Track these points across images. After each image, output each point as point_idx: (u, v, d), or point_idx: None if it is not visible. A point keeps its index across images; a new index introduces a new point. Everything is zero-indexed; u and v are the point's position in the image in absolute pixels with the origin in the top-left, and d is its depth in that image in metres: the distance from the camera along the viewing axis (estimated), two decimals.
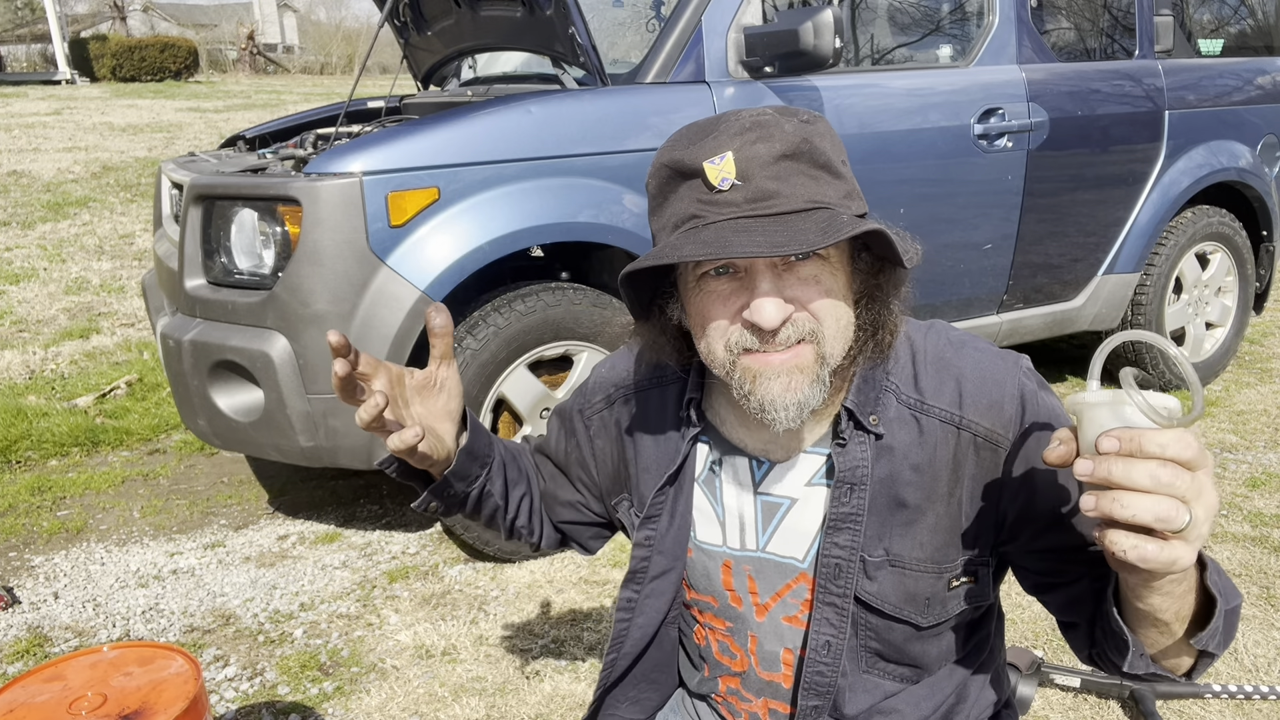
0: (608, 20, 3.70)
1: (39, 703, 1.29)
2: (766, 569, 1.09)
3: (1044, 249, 3.48)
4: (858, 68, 3.19)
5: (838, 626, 1.05)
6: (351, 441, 2.51)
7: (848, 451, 1.02)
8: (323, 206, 2.37)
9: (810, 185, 0.90)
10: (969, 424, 1.00)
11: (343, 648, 2.36)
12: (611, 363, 1.22)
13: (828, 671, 1.06)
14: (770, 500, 1.08)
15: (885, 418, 1.02)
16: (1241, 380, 4.22)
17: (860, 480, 1.02)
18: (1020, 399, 1.00)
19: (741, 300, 0.93)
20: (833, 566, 1.03)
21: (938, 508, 1.02)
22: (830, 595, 1.04)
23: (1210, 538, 2.78)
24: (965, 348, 1.05)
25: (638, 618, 1.17)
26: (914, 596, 1.04)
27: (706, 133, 0.92)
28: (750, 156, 0.89)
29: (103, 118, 12.65)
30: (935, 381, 1.02)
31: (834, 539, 1.03)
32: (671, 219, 0.94)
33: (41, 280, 5.83)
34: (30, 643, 2.38)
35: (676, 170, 0.93)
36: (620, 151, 2.64)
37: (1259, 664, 2.20)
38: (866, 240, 0.94)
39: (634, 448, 1.16)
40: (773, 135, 0.90)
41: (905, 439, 1.02)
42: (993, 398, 1.00)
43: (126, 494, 3.28)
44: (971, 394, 1.01)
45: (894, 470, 1.02)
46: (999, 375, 1.01)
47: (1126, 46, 3.64)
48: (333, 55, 35.32)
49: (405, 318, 2.43)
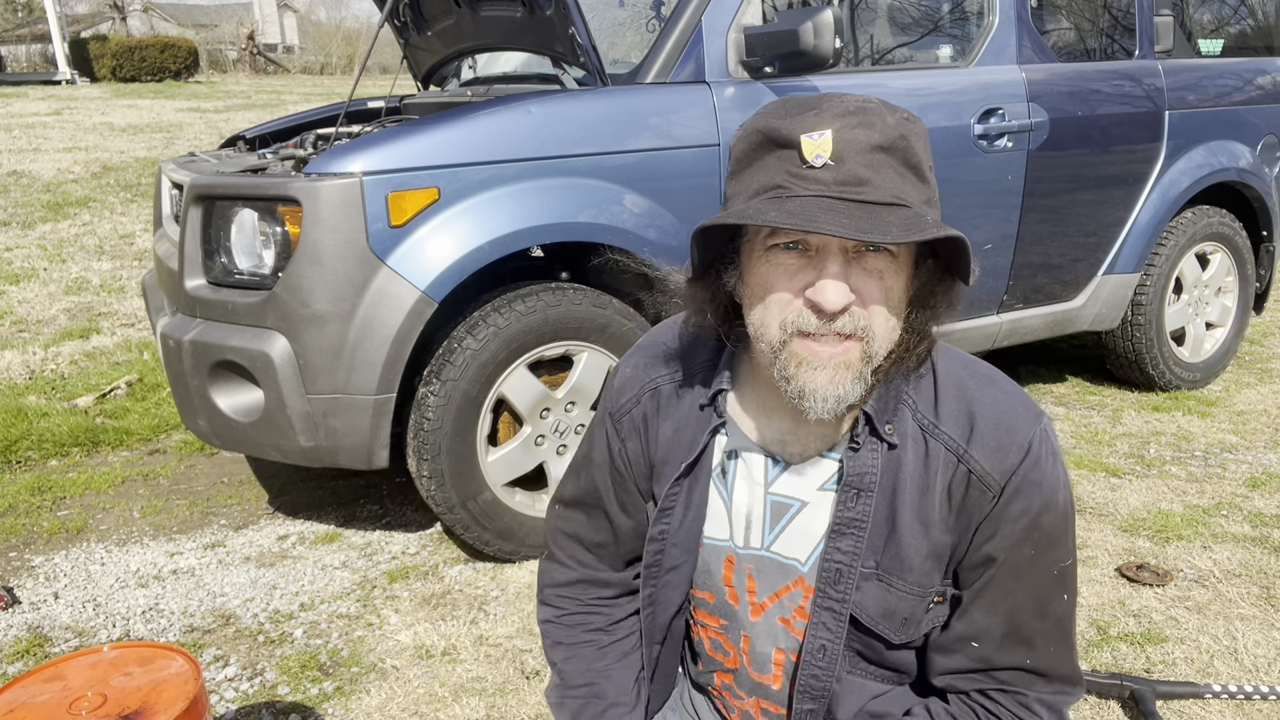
0: (608, 20, 3.70)
1: (39, 703, 1.29)
2: (768, 568, 1.09)
3: (1044, 249, 3.48)
4: (858, 68, 3.19)
5: (834, 631, 1.05)
6: (351, 442, 2.51)
7: (859, 457, 1.02)
8: (323, 207, 2.37)
9: (898, 181, 0.91)
10: (969, 458, 1.00)
11: (343, 648, 2.36)
12: (630, 363, 1.20)
13: (823, 675, 1.07)
14: (780, 500, 1.08)
15: (899, 430, 1.02)
16: (1242, 380, 4.22)
17: (868, 486, 1.02)
18: (1026, 453, 1.00)
19: (807, 279, 0.93)
20: (833, 571, 1.03)
21: (931, 532, 1.02)
22: (829, 600, 1.04)
23: (1210, 538, 2.78)
24: (991, 386, 1.04)
25: (660, 609, 1.17)
26: (892, 613, 1.04)
27: (809, 108, 0.92)
28: (849, 140, 0.89)
29: (103, 118, 12.65)
30: (952, 408, 1.02)
31: (837, 544, 1.03)
32: (754, 185, 0.94)
33: (42, 280, 5.84)
34: (30, 643, 2.38)
35: (770, 137, 0.93)
36: (620, 152, 2.64)
37: (1259, 664, 2.20)
38: (936, 248, 0.95)
39: (656, 442, 1.16)
40: (874, 124, 0.90)
41: (913, 457, 1.02)
42: (1001, 442, 1.00)
43: (127, 494, 3.28)
44: (982, 431, 1.01)
45: (899, 484, 1.02)
46: (1015, 422, 1.01)
47: (1126, 47, 3.64)
48: (333, 55, 35.34)
49: (405, 318, 2.43)
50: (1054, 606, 1.04)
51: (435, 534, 2.96)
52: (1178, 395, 3.99)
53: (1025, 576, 1.02)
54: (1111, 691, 2.08)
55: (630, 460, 1.18)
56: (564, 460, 2.77)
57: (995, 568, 1.02)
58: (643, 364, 1.18)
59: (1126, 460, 3.37)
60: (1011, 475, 0.99)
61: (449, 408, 2.53)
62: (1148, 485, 3.17)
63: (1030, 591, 1.02)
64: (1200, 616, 2.39)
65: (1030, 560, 1.02)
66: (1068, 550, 1.04)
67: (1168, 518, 2.91)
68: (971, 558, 1.03)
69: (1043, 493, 1.00)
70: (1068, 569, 1.04)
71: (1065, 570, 1.04)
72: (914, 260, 0.96)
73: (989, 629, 1.03)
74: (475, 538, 2.68)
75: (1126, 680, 2.07)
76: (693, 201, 2.74)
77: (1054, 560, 1.03)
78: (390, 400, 2.49)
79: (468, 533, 2.67)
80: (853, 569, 1.03)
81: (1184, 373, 4.01)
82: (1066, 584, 1.05)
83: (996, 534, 1.01)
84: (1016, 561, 1.01)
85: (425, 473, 2.57)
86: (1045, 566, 1.02)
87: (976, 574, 1.03)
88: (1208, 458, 3.38)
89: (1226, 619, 2.38)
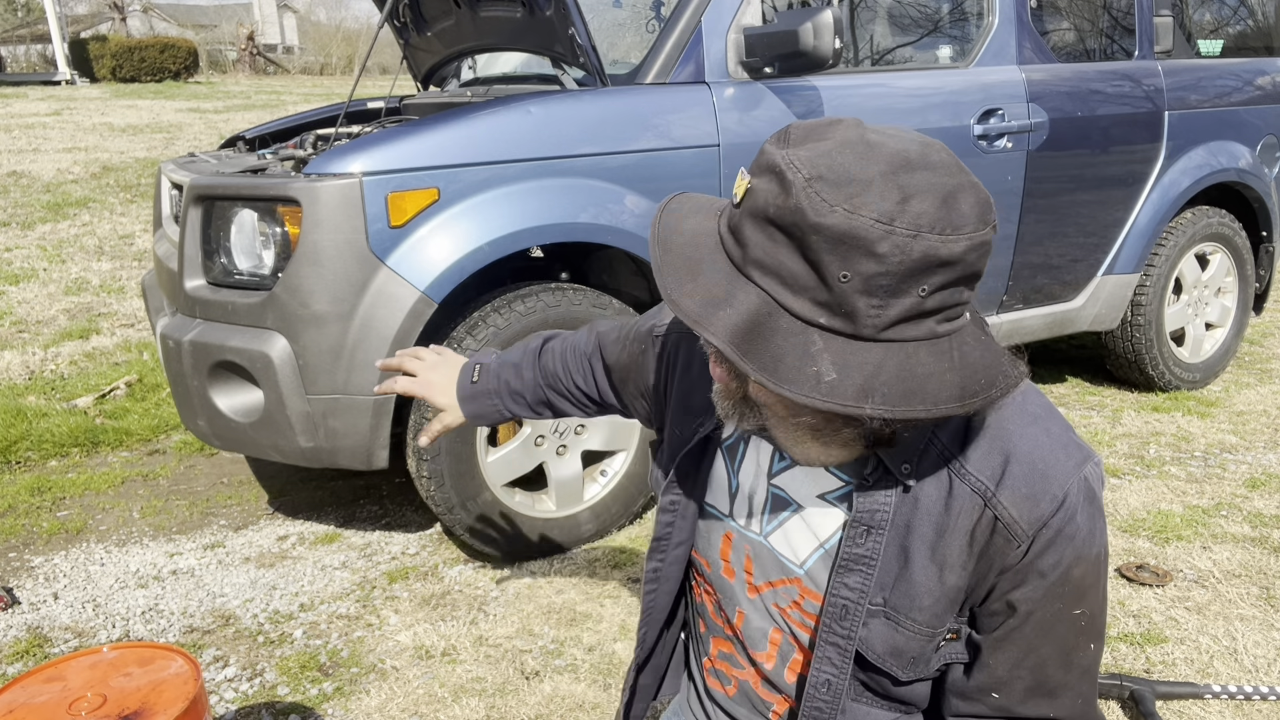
0: (608, 21, 3.70)
1: (39, 703, 1.29)
2: (765, 557, 1.07)
3: (1044, 249, 3.48)
4: (858, 68, 3.19)
5: (839, 666, 1.01)
6: (351, 442, 2.51)
7: (870, 494, 0.95)
8: (322, 207, 2.37)
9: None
10: (997, 504, 0.91)
11: (342, 648, 2.36)
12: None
13: (826, 709, 1.03)
14: (780, 495, 1.05)
15: (920, 468, 0.94)
16: (1241, 381, 4.22)
17: (879, 525, 0.95)
18: (1060, 505, 0.91)
19: None
20: (840, 607, 0.99)
21: (946, 575, 0.95)
22: (834, 635, 1.00)
23: (1210, 538, 2.78)
24: (1034, 424, 0.94)
25: (664, 585, 1.17)
26: (900, 652, 1.00)
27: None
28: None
29: (102, 118, 12.65)
30: (984, 449, 0.93)
31: (844, 579, 0.98)
32: None
33: (41, 281, 5.83)
34: (30, 643, 2.38)
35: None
36: (620, 152, 2.64)
37: (1259, 664, 2.20)
38: None
39: (675, 383, 1.14)
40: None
41: (933, 494, 0.94)
42: (1034, 489, 0.91)
43: (126, 494, 3.28)
44: (1014, 477, 0.91)
45: (914, 522, 0.95)
46: (1053, 470, 0.92)
47: (1126, 47, 3.64)
48: (332, 56, 35.33)
49: (405, 318, 2.43)
50: (1079, 657, 0.98)
51: (435, 534, 2.96)
52: (1177, 396, 3.99)
53: (1052, 630, 0.95)
54: (1111, 692, 2.08)
55: (648, 366, 1.21)
56: (564, 461, 2.77)
57: (1019, 619, 0.95)
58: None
59: (1126, 460, 3.37)
60: (1042, 527, 0.91)
61: None
62: (1147, 485, 3.17)
63: (1057, 645, 0.96)
64: (1200, 617, 2.39)
65: (1058, 613, 0.95)
66: (1099, 599, 0.97)
67: (1167, 518, 2.91)
68: (992, 604, 0.96)
69: (1075, 546, 0.92)
70: (1095, 617, 0.97)
71: (1093, 619, 0.97)
72: None
73: (1011, 682, 0.97)
74: (475, 538, 2.68)
75: (1126, 680, 2.07)
76: None
77: (1083, 611, 0.96)
78: (390, 401, 2.49)
79: (467, 533, 2.67)
80: (860, 606, 0.98)
81: (1184, 373, 4.02)
82: (1094, 633, 0.98)
83: (1023, 585, 0.93)
84: (1044, 616, 0.94)
85: (425, 473, 2.57)
86: (1073, 618, 0.95)
87: (997, 621, 0.96)
88: (1207, 458, 3.38)
89: (1226, 619, 2.38)
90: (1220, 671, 2.17)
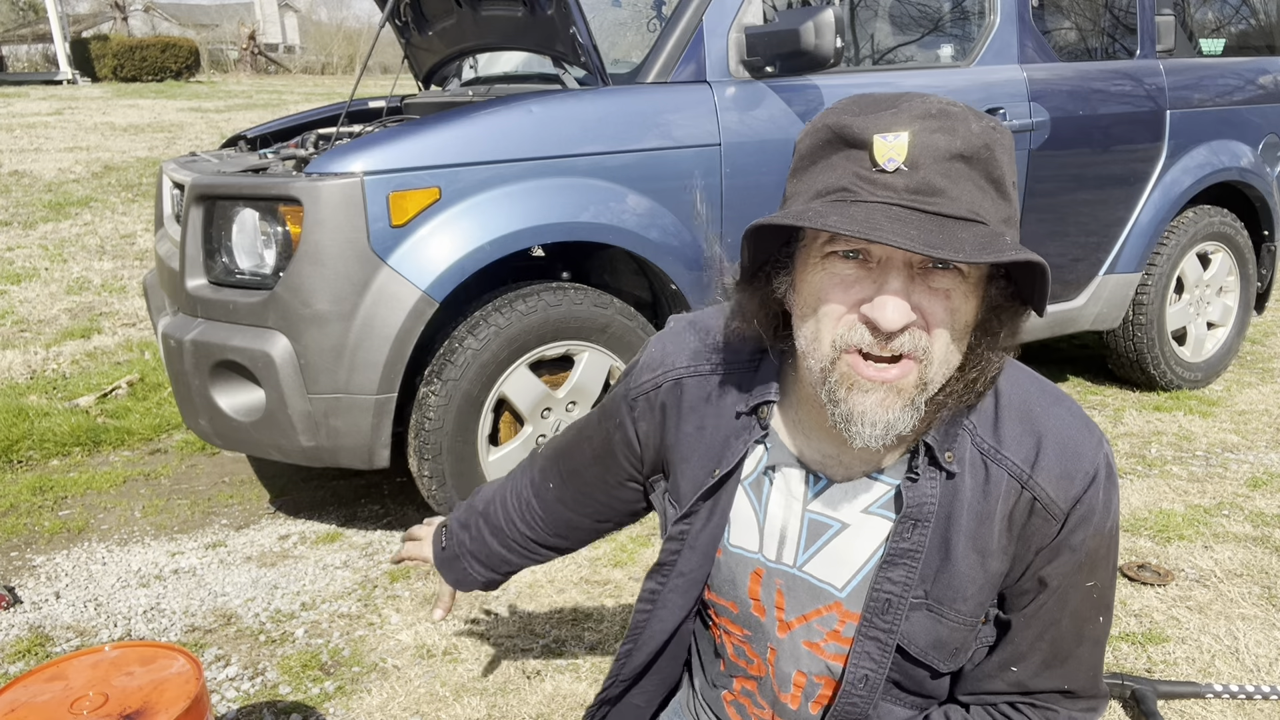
0: (608, 20, 3.70)
1: (40, 702, 1.29)
2: (799, 588, 1.05)
3: (1045, 249, 3.48)
4: (859, 67, 3.19)
5: (878, 661, 1.01)
6: (352, 441, 2.51)
7: (919, 486, 0.97)
8: (324, 206, 2.37)
9: (977, 196, 0.83)
10: (1035, 485, 0.95)
11: (344, 647, 2.36)
12: (662, 343, 1.13)
13: (861, 704, 1.03)
14: (819, 519, 1.03)
15: (958, 456, 0.96)
16: (1243, 380, 4.22)
17: (926, 517, 0.97)
18: (1091, 480, 0.95)
19: (865, 292, 0.86)
20: (883, 601, 0.99)
21: (988, 561, 0.97)
22: (875, 630, 1.00)
23: (1211, 538, 2.78)
24: (1057, 405, 0.98)
25: (659, 610, 1.13)
26: (942, 644, 1.00)
27: (886, 106, 0.85)
28: (927, 144, 0.82)
29: (104, 118, 12.66)
30: (1016, 433, 0.96)
31: (888, 574, 0.98)
32: (817, 185, 0.86)
33: (43, 280, 5.84)
34: (32, 642, 2.38)
35: (840, 135, 0.85)
36: (621, 151, 2.64)
37: (1259, 664, 2.19)
38: (1009, 271, 0.88)
39: (676, 435, 1.10)
40: (956, 130, 0.83)
41: (972, 483, 0.96)
42: (1067, 468, 0.95)
43: (128, 494, 3.29)
44: (1049, 457, 0.95)
45: (954, 512, 0.97)
46: (1081, 448, 0.96)
47: (1128, 46, 3.63)
48: (334, 55, 35.35)
49: (406, 318, 2.43)
50: (1090, 629, 1.01)
51: None
52: (1179, 395, 3.99)
53: (1070, 601, 0.99)
54: (1113, 691, 2.08)
55: (640, 436, 1.13)
56: None
57: (1048, 594, 0.98)
58: (673, 349, 1.11)
59: (1128, 460, 3.37)
60: (1076, 503, 0.95)
61: (450, 407, 2.53)
62: (1149, 485, 3.16)
63: (1072, 616, 1.00)
64: (1201, 616, 2.39)
65: (1076, 585, 0.99)
66: (1109, 572, 1.01)
67: (1169, 517, 2.90)
68: (1024, 583, 0.99)
69: (1099, 519, 0.96)
70: (1106, 590, 1.01)
71: (1104, 592, 1.01)
72: (985, 281, 0.88)
73: (1029, 654, 1.00)
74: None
75: (1128, 680, 2.07)
76: (693, 201, 2.74)
77: (1097, 583, 1.00)
78: (391, 400, 2.49)
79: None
80: (903, 599, 0.98)
81: (1185, 372, 4.01)
82: (1105, 606, 1.02)
83: (1055, 560, 0.97)
84: (1067, 587, 0.98)
85: (426, 472, 2.57)
86: (1088, 590, 0.99)
87: (1028, 598, 1.00)
88: (1209, 457, 3.37)
89: (1228, 619, 2.38)
90: (1222, 671, 2.17)
